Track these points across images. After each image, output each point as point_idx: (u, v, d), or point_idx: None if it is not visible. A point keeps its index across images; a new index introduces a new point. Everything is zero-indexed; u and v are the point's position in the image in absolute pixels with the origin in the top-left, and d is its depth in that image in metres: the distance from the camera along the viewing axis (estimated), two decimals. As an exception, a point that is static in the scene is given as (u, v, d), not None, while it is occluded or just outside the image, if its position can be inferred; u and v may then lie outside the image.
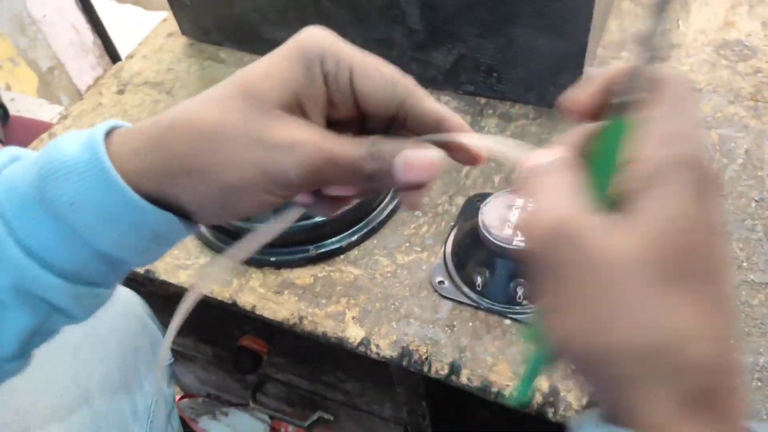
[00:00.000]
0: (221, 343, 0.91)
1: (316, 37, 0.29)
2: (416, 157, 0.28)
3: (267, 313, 0.62)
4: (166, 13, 0.94)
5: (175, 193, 0.30)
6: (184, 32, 0.92)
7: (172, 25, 0.94)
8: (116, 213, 0.29)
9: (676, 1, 0.24)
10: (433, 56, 0.77)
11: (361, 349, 0.59)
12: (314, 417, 0.91)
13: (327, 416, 0.91)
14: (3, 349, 0.32)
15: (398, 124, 0.31)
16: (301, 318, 0.61)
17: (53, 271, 0.30)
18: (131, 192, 0.29)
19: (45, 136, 0.80)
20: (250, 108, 0.28)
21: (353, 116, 0.31)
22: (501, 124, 0.75)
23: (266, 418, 1.01)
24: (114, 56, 1.86)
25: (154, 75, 0.88)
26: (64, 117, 0.82)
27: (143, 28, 2.67)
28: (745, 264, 0.59)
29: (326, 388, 0.85)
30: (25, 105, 1.53)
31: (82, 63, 1.76)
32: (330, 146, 0.28)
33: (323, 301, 0.62)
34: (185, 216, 0.31)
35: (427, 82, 0.81)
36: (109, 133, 0.30)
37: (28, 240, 0.29)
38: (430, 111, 0.30)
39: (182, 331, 0.35)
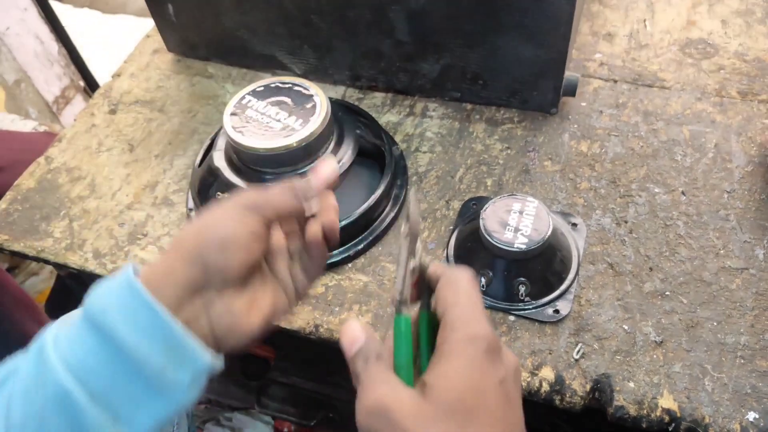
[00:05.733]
0: (225, 352, 0.93)
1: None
2: (319, 164, 0.44)
3: (283, 324, 0.65)
4: (125, 16, 0.95)
5: (186, 267, 0.38)
6: (170, 49, 0.92)
7: (157, 41, 0.94)
8: (136, 312, 0.36)
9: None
10: (420, 66, 0.81)
11: (377, 352, 0.62)
12: (319, 416, 0.95)
13: (332, 415, 0.95)
14: None
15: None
16: (317, 326, 0.64)
17: (85, 388, 0.35)
18: (148, 294, 0.36)
19: (41, 160, 0.80)
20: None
21: None
22: (489, 129, 0.79)
23: (270, 419, 1.04)
24: (80, 65, 1.83)
25: (144, 93, 0.89)
26: (58, 140, 0.82)
27: (104, 33, 2.62)
28: (722, 251, 0.65)
29: (332, 388, 0.89)
30: (-5, 121, 1.49)
31: (48, 74, 1.73)
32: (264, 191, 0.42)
33: (336, 308, 0.65)
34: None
35: (415, 90, 0.84)
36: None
37: (68, 353, 0.36)
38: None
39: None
